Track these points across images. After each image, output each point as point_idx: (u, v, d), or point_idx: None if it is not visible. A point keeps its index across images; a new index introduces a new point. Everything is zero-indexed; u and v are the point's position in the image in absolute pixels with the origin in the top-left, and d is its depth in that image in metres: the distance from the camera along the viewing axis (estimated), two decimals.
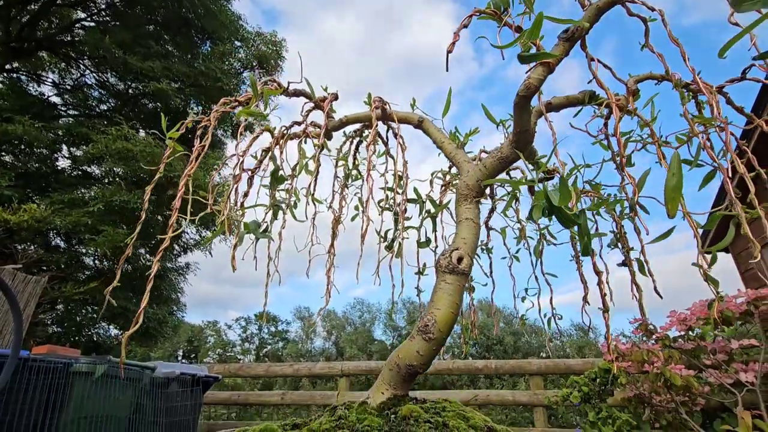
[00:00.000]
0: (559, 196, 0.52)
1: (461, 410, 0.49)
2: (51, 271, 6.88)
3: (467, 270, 0.58)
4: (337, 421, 0.44)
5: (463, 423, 0.44)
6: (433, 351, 0.54)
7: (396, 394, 0.52)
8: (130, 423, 2.97)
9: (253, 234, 0.84)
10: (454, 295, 0.55)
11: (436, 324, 0.52)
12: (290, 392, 4.59)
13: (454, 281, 0.55)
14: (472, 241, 0.62)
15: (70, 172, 9.33)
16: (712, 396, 3.02)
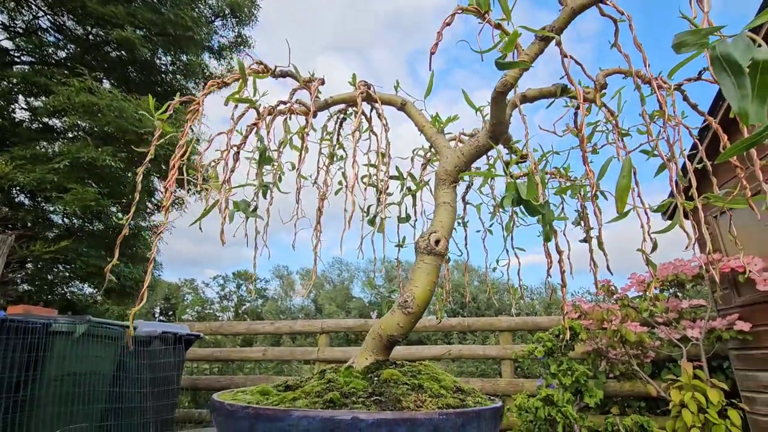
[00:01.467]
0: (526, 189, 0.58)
1: (434, 373, 0.56)
2: (17, 229, 6.64)
3: (444, 251, 0.63)
4: (327, 384, 0.50)
5: (435, 384, 0.51)
6: (411, 323, 0.60)
7: (378, 359, 0.58)
8: (114, 379, 3.04)
9: (243, 213, 0.87)
10: (432, 274, 0.60)
11: (414, 300, 0.58)
12: (271, 348, 4.75)
13: (431, 261, 0.61)
14: (449, 224, 0.67)
15: (30, 124, 8.78)
16: (662, 350, 3.31)
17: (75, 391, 2.73)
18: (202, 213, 0.89)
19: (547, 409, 2.39)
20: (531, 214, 0.68)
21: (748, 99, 0.39)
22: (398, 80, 0.83)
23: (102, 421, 2.79)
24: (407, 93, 0.83)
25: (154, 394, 3.26)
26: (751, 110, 0.38)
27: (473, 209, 0.96)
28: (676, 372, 3.53)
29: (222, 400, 0.49)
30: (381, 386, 0.47)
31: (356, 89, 0.87)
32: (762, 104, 0.38)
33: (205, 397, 4.89)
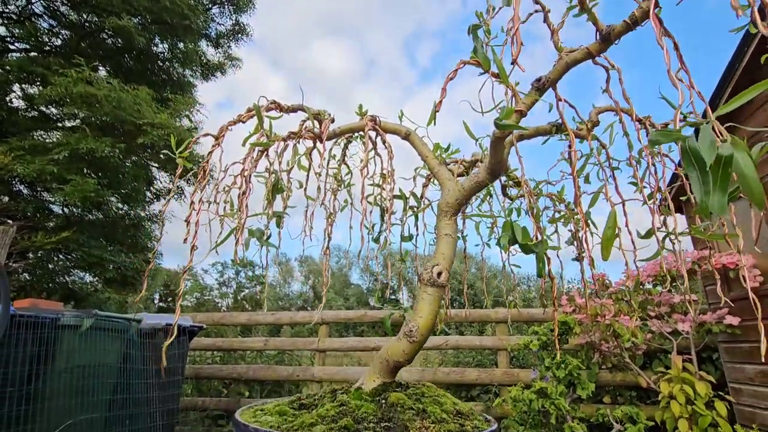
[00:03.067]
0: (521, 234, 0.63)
1: (436, 395, 0.62)
2: (18, 220, 6.67)
3: (445, 283, 0.68)
4: (340, 407, 0.55)
5: (438, 408, 0.56)
6: (415, 350, 0.66)
7: (385, 381, 0.64)
8: (120, 371, 3.12)
9: (257, 241, 0.91)
10: (434, 304, 0.66)
11: (418, 330, 0.63)
12: (273, 339, 4.84)
13: (433, 293, 0.66)
14: (450, 256, 0.72)
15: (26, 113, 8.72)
16: (653, 342, 3.41)
17: (83, 383, 2.81)
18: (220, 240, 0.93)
19: (540, 401, 2.49)
20: (526, 252, 0.73)
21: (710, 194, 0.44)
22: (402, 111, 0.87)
23: (110, 411, 2.88)
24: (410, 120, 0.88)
25: (159, 385, 3.35)
26: (714, 201, 0.43)
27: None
28: (667, 363, 3.64)
29: (246, 423, 0.55)
30: (389, 411, 0.53)
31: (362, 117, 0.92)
32: (723, 195, 0.43)
33: (207, 385, 5.00)
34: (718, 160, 0.42)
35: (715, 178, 0.42)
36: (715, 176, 0.42)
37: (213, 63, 10.98)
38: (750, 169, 0.40)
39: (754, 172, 0.40)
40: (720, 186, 0.42)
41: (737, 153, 0.42)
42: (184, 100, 7.99)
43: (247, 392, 4.75)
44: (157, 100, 7.65)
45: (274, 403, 0.62)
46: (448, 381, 4.23)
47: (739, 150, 0.42)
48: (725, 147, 0.43)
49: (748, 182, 0.41)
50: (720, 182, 0.42)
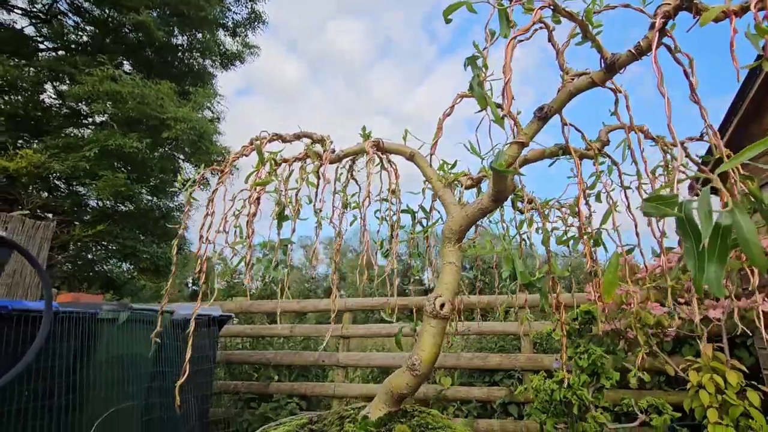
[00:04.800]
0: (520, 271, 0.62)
1: (440, 426, 0.63)
2: (58, 215, 7.04)
3: (448, 314, 0.68)
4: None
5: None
6: (418, 383, 0.67)
7: (390, 411, 0.65)
8: (155, 360, 3.30)
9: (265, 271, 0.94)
10: (437, 336, 0.66)
11: (422, 363, 0.64)
12: (299, 326, 4.99)
13: (436, 325, 0.67)
14: (453, 286, 0.72)
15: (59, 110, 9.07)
16: (682, 329, 3.32)
17: (122, 373, 2.98)
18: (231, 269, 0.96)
19: (562, 391, 2.48)
20: (527, 287, 0.72)
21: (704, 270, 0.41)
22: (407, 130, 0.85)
23: (148, 399, 3.05)
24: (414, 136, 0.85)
25: (192, 373, 3.52)
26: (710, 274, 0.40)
27: None
28: (698, 348, 3.54)
29: None
30: None
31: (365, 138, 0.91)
32: (721, 268, 0.40)
33: (239, 370, 5.22)
34: (716, 231, 0.40)
35: (712, 250, 0.40)
36: (713, 248, 0.40)
37: (231, 52, 11.05)
38: (752, 234, 0.38)
39: (756, 238, 0.38)
40: (718, 258, 0.40)
41: (740, 216, 0.40)
42: (204, 92, 8.11)
43: (276, 376, 4.93)
44: (179, 93, 7.79)
45: (284, 429, 0.65)
46: (471, 366, 4.26)
47: (741, 213, 0.39)
48: (725, 216, 0.41)
49: (750, 249, 0.38)
50: (718, 255, 0.40)
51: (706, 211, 0.38)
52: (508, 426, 3.88)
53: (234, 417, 4.53)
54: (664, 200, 0.43)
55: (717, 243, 0.39)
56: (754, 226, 0.38)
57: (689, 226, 0.41)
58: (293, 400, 4.53)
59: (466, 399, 4.18)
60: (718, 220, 0.40)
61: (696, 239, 0.40)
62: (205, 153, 7.86)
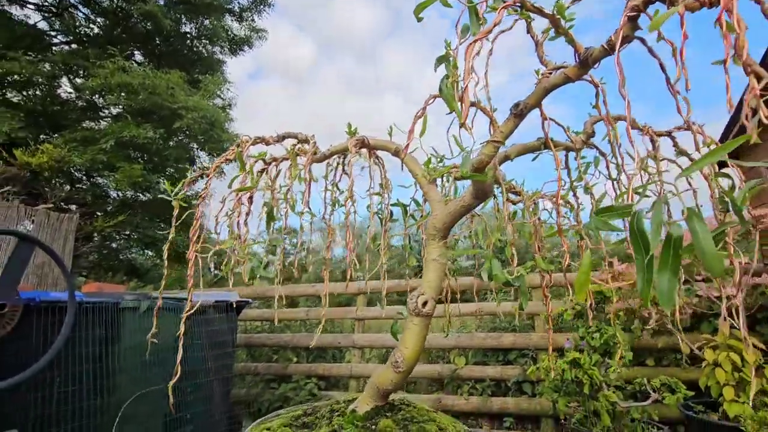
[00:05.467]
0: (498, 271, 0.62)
1: (424, 419, 0.65)
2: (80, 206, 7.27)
3: (431, 312, 0.69)
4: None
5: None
6: (402, 379, 0.68)
7: (377, 405, 0.68)
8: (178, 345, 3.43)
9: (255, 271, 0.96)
10: (420, 334, 0.67)
11: (404, 360, 0.66)
12: (315, 309, 5.10)
13: (419, 322, 0.68)
14: (436, 284, 0.73)
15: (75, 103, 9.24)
16: (699, 306, 3.26)
17: (147, 358, 3.12)
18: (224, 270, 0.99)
19: (573, 371, 2.49)
20: (505, 285, 0.72)
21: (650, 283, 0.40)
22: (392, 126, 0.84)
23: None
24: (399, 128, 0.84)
25: (213, 356, 3.66)
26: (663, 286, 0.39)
27: None
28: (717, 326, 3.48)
29: None
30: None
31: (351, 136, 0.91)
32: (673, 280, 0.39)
33: (259, 352, 5.40)
34: (668, 242, 0.39)
35: (665, 261, 0.39)
36: (665, 259, 0.39)
37: (239, 37, 10.98)
38: (708, 242, 0.37)
39: (712, 246, 0.37)
40: (671, 270, 0.39)
41: (697, 225, 0.38)
42: (213, 80, 8.13)
43: (294, 358, 5.09)
44: (189, 82, 7.84)
45: (280, 422, 0.67)
46: (485, 346, 4.30)
47: (697, 221, 0.38)
48: (675, 228, 0.40)
49: (706, 258, 0.37)
50: (671, 266, 0.39)
51: (658, 223, 0.38)
52: (522, 404, 3.93)
53: (255, 397, 4.71)
54: (616, 211, 0.42)
55: (669, 254, 0.39)
56: (710, 233, 0.37)
57: (640, 238, 0.40)
58: (312, 380, 4.67)
59: (480, 378, 4.24)
60: (669, 232, 0.39)
61: (645, 251, 0.39)
62: (217, 141, 7.94)
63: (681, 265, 0.38)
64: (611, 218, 0.43)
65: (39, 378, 2.38)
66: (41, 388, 2.32)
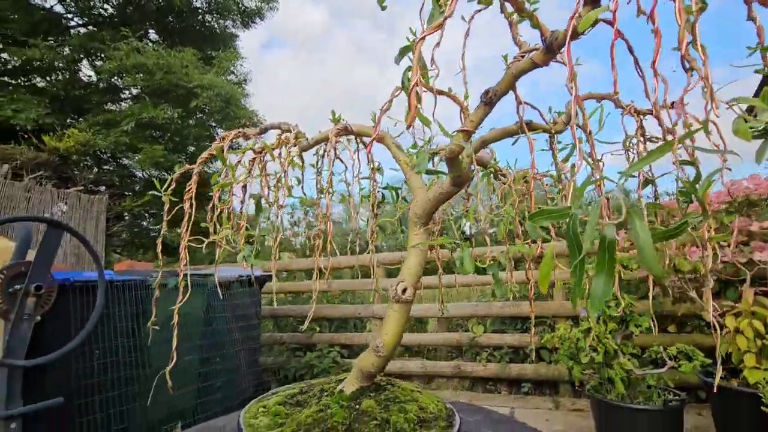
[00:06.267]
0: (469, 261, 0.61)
1: (406, 399, 0.67)
2: (109, 188, 7.56)
3: (411, 298, 0.70)
4: (318, 414, 0.64)
5: (401, 417, 0.62)
6: (383, 363, 0.71)
7: (362, 386, 0.71)
8: (205, 319, 3.62)
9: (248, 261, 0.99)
10: (400, 320, 0.69)
11: (384, 346, 0.68)
12: (334, 281, 5.23)
13: (399, 309, 0.69)
14: (416, 270, 0.73)
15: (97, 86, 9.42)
16: (722, 272, 3.17)
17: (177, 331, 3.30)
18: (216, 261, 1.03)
19: (587, 340, 2.50)
20: (477, 273, 0.72)
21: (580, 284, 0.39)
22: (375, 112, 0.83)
23: (202, 354, 3.39)
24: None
25: (239, 328, 3.85)
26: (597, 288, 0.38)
27: None
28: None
29: (242, 424, 0.65)
30: (356, 420, 0.60)
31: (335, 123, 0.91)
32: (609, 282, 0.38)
33: (285, 322, 5.63)
34: (602, 245, 0.38)
35: (600, 264, 0.38)
36: (601, 262, 0.38)
37: (250, 9, 10.80)
38: (647, 242, 0.36)
39: (650, 246, 0.35)
40: (606, 272, 0.38)
41: (637, 224, 0.37)
42: (226, 56, 8.09)
43: (318, 328, 5.28)
44: (203, 59, 7.83)
45: (276, 399, 0.72)
46: (503, 314, 4.34)
47: (637, 220, 0.37)
48: (609, 229, 0.38)
49: (644, 255, 0.36)
50: (606, 269, 0.38)
51: (594, 224, 0.37)
52: (541, 369, 3.99)
53: (282, 365, 4.96)
54: (553, 213, 0.41)
55: (605, 256, 0.38)
56: (649, 233, 0.36)
57: (573, 239, 0.39)
58: (335, 348, 4.86)
59: (498, 345, 4.31)
60: (602, 233, 0.38)
61: (578, 252, 0.39)
62: (234, 118, 7.99)
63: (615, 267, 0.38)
64: (550, 220, 0.43)
65: (80, 352, 2.58)
66: (82, 360, 2.51)
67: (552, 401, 3.81)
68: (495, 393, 4.17)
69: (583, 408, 3.48)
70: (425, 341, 4.81)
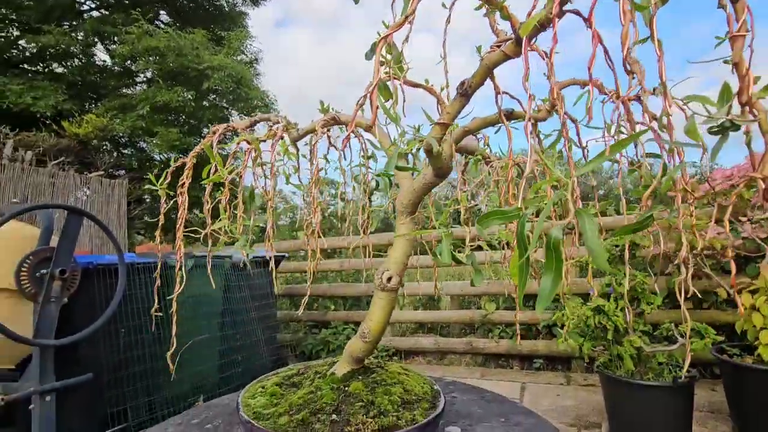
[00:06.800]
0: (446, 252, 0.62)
1: (392, 382, 0.70)
2: (128, 171, 7.75)
3: (395, 287, 0.72)
4: (309, 395, 0.67)
5: (386, 399, 0.65)
6: (370, 349, 0.73)
7: (353, 368, 0.74)
8: (224, 298, 3.75)
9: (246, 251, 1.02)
10: (386, 308, 0.71)
11: (370, 332, 0.70)
12: (348, 260, 5.31)
13: (385, 297, 0.71)
14: (402, 260, 0.75)
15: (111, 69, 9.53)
16: (741, 249, 3.09)
17: (197, 310, 3.44)
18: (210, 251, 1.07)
19: (597, 317, 2.49)
20: (457, 263, 0.73)
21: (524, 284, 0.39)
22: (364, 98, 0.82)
23: (222, 330, 3.54)
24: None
25: (255, 307, 3.98)
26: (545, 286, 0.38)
27: None
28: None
29: (239, 404, 0.70)
30: (343, 401, 0.63)
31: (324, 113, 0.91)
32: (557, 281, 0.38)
33: (300, 300, 5.78)
34: (548, 246, 0.38)
35: (549, 263, 0.38)
36: (549, 262, 0.38)
37: None
38: (595, 241, 0.36)
39: (599, 244, 0.36)
40: (554, 271, 0.38)
41: (586, 224, 0.37)
42: (236, 35, 8.03)
43: (332, 306, 5.41)
44: (213, 40, 7.80)
45: (274, 380, 0.76)
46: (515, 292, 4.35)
47: (586, 218, 0.37)
48: (555, 230, 0.38)
49: (593, 252, 0.37)
50: (554, 268, 0.38)
51: (540, 227, 0.37)
52: (553, 346, 4.02)
53: (300, 341, 5.13)
54: (503, 214, 0.41)
55: (552, 257, 0.38)
56: (596, 231, 0.36)
57: (520, 239, 0.39)
58: (349, 326, 4.99)
59: (510, 322, 4.34)
60: (549, 233, 0.38)
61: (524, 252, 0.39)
62: (245, 99, 7.99)
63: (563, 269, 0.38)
64: (501, 222, 0.43)
65: (107, 331, 2.72)
66: (109, 339, 2.65)
67: (564, 377, 3.85)
68: (507, 368, 4.24)
69: (595, 383, 3.51)
70: (438, 318, 4.88)
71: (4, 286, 2.06)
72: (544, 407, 3.13)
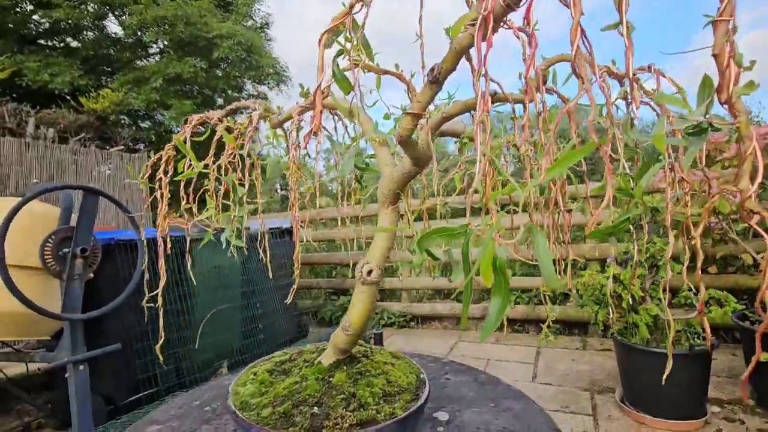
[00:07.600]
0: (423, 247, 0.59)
1: (375, 373, 0.70)
2: (148, 146, 7.87)
3: (376, 280, 0.70)
4: (294, 386, 0.68)
5: (367, 391, 0.65)
6: (353, 341, 0.73)
7: (338, 358, 0.74)
8: (243, 269, 3.86)
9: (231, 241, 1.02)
10: (366, 301, 0.70)
11: (351, 325, 0.70)
12: (364, 229, 5.35)
13: (366, 290, 0.69)
14: (383, 252, 0.72)
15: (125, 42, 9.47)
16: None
17: (218, 281, 3.56)
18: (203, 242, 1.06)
19: (613, 286, 2.45)
20: (435, 259, 0.69)
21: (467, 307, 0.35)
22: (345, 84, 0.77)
23: (242, 300, 3.66)
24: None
25: (274, 277, 4.09)
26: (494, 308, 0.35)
27: None
28: None
29: (230, 392, 0.71)
30: (326, 394, 0.63)
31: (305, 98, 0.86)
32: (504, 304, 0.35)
33: (319, 268, 5.91)
34: (493, 266, 0.34)
35: (497, 285, 0.35)
36: (497, 283, 0.35)
37: None
38: (546, 259, 0.32)
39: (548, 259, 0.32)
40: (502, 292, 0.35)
41: (539, 240, 0.33)
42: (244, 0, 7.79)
43: (350, 274, 5.51)
44: (221, 6, 7.60)
45: (266, 366, 0.78)
46: (532, 259, 4.31)
47: (538, 234, 0.33)
48: (501, 250, 0.35)
49: (544, 269, 0.33)
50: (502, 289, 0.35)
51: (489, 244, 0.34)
52: (569, 311, 4.01)
53: (319, 308, 5.29)
54: (450, 232, 0.38)
55: (500, 279, 0.35)
56: (547, 249, 0.33)
57: (463, 260, 0.36)
58: None
59: (527, 288, 4.33)
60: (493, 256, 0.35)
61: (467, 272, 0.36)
62: (257, 67, 7.85)
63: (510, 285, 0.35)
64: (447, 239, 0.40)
65: (132, 303, 2.86)
66: (135, 311, 2.79)
67: (580, 341, 3.86)
68: (523, 333, 4.27)
69: (612, 348, 3.51)
70: (455, 285, 4.92)
71: (31, 264, 2.17)
72: (560, 372, 3.16)
